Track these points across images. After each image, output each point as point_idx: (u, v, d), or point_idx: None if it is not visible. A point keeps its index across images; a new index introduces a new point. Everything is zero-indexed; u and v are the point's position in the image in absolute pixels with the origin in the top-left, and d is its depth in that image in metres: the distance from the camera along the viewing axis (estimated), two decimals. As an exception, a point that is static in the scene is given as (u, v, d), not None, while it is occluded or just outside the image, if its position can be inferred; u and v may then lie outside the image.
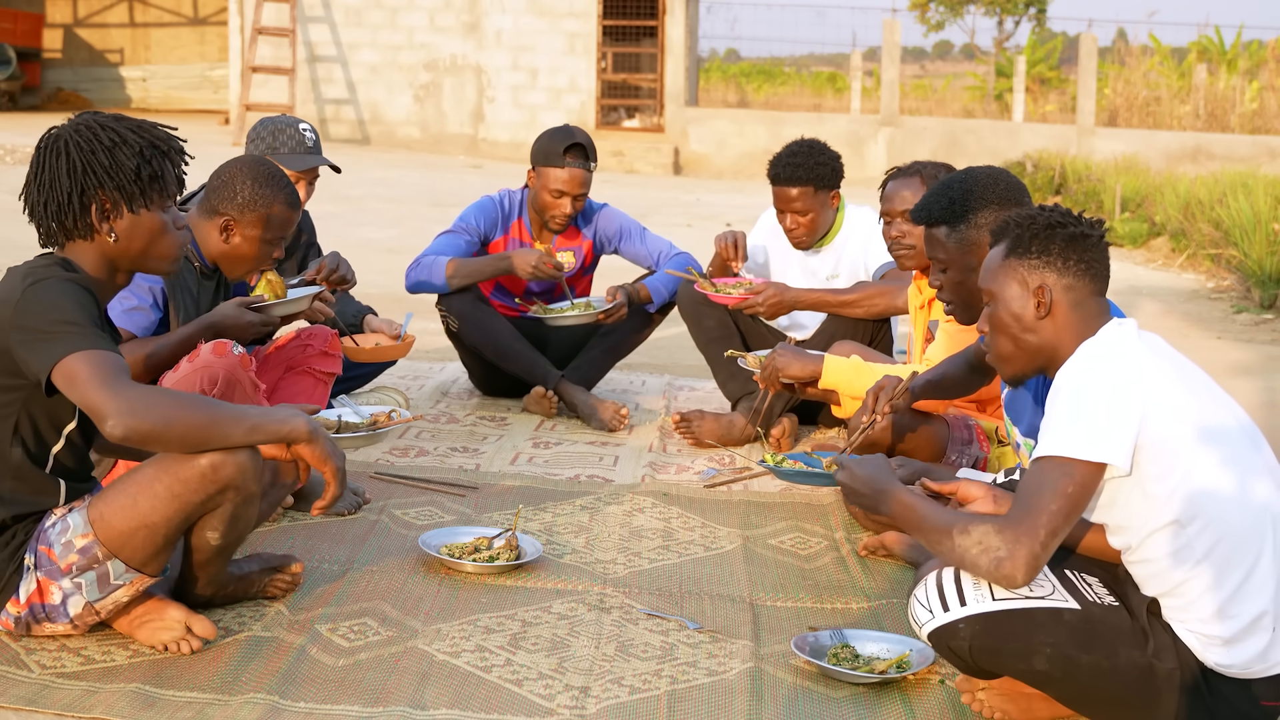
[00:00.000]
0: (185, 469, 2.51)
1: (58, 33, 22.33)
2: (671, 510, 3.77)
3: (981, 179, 3.21)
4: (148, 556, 2.58)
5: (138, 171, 2.56)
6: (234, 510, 2.61)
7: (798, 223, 4.51)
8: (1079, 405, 2.27)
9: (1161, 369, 2.32)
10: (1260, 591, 2.25)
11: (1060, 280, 2.40)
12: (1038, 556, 2.24)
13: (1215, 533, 2.24)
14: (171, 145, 2.64)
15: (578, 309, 4.72)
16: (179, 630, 2.66)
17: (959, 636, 2.35)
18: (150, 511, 2.53)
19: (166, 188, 2.61)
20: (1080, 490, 2.24)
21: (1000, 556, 2.25)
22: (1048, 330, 2.42)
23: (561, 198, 4.77)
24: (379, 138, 18.03)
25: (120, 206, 2.57)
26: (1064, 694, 2.38)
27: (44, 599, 2.58)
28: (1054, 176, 14.30)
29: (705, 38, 22.66)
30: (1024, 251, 2.43)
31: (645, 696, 2.59)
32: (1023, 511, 2.26)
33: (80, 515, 2.57)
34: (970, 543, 2.28)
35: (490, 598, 3.06)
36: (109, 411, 2.37)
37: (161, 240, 2.63)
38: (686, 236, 7.61)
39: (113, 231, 2.57)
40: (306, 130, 4.30)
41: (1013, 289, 2.44)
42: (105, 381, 2.38)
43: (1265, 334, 7.35)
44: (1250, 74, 20.33)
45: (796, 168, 4.43)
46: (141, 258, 2.63)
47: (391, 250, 8.49)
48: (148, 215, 2.59)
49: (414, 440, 4.40)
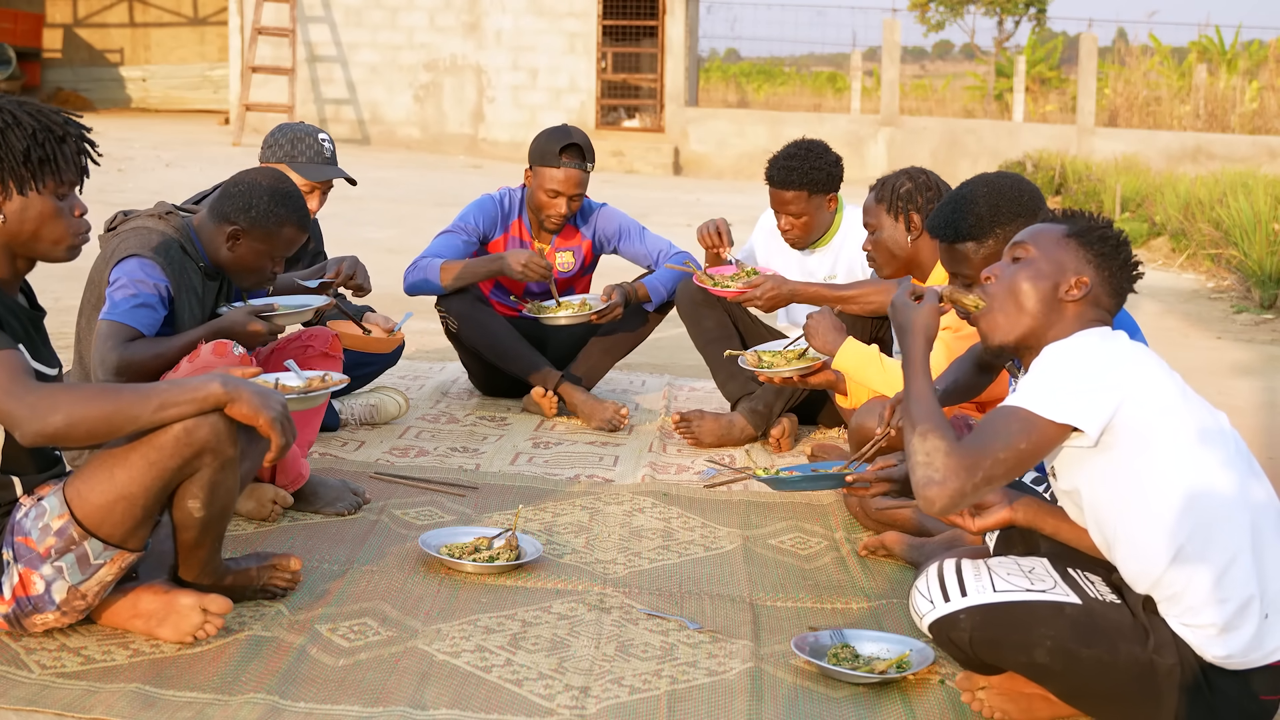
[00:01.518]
0: (159, 435, 2.51)
1: (58, 33, 22.33)
2: (671, 510, 3.77)
3: (1006, 190, 3.13)
4: (128, 530, 2.57)
5: (27, 153, 2.55)
6: (212, 476, 2.60)
7: (792, 224, 4.50)
8: (1061, 370, 2.30)
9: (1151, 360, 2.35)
10: (1245, 577, 2.26)
11: (1096, 278, 2.42)
12: (965, 495, 2.26)
13: (1193, 519, 2.26)
14: (69, 131, 2.62)
15: (572, 308, 4.72)
16: (198, 615, 2.67)
17: (959, 627, 2.36)
18: (128, 482, 2.54)
19: (60, 173, 2.59)
20: (1033, 448, 2.26)
21: (933, 477, 2.27)
22: (1056, 314, 2.42)
23: (557, 198, 4.76)
24: (379, 138, 18.03)
25: (9, 188, 2.56)
26: (1064, 689, 2.39)
27: (28, 591, 2.57)
28: (1054, 176, 14.30)
29: (705, 38, 22.68)
30: (1089, 242, 2.44)
31: (645, 696, 2.59)
32: (974, 448, 2.27)
33: (56, 497, 2.57)
34: (920, 449, 2.30)
35: (490, 598, 3.06)
36: (14, 421, 2.40)
37: (53, 224, 2.60)
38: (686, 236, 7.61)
39: (1, 213, 2.56)
40: (325, 141, 4.31)
41: (1059, 264, 2.43)
42: (6, 388, 2.40)
43: (1265, 334, 7.35)
44: (1250, 74, 20.34)
45: (792, 171, 4.42)
46: (32, 241, 2.60)
47: (391, 250, 8.49)
48: (38, 199, 2.57)
49: (414, 440, 4.40)
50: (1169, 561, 2.28)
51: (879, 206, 3.83)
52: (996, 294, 2.48)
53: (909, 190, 3.81)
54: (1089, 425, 2.25)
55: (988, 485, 2.27)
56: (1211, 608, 2.27)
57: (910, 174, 3.89)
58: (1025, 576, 2.39)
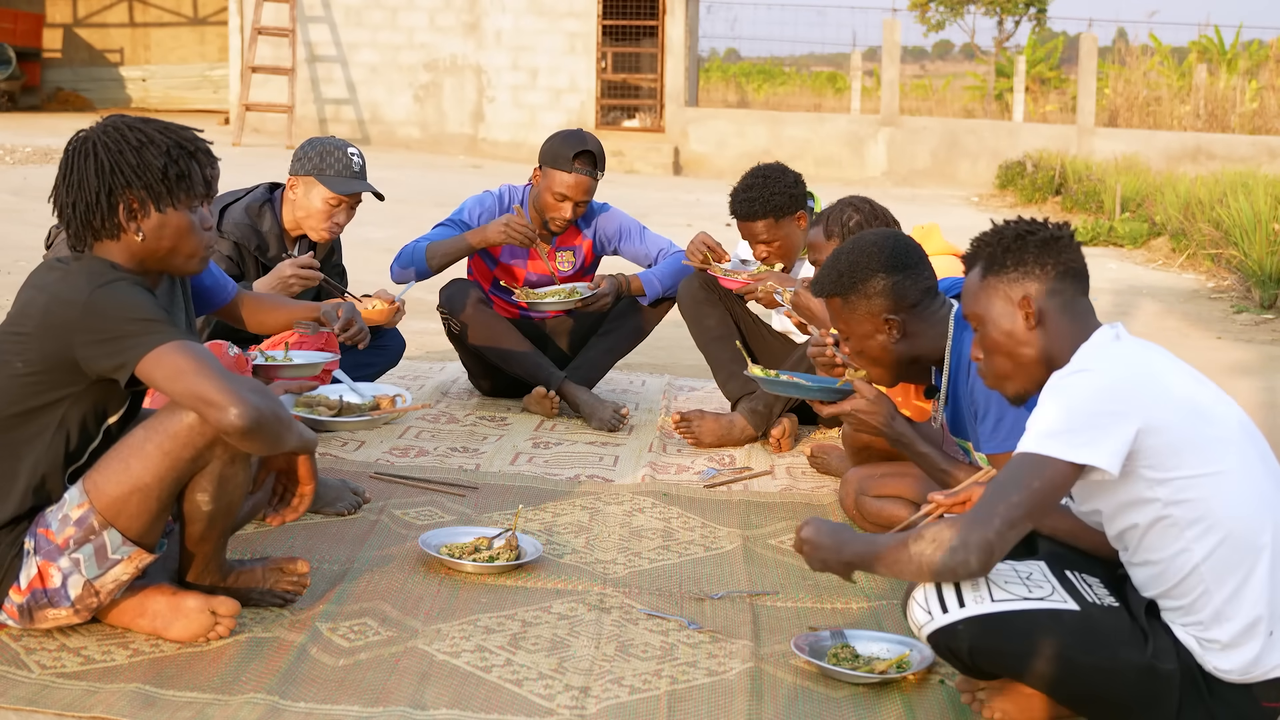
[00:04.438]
0: (173, 424, 2.55)
1: (58, 33, 22.32)
2: (671, 510, 3.77)
3: (867, 247, 3.14)
4: (144, 524, 2.59)
5: (164, 171, 2.60)
6: (222, 469, 2.63)
7: (768, 252, 4.45)
8: (1068, 405, 2.26)
9: (1163, 369, 2.31)
10: (1257, 597, 2.25)
11: (1042, 288, 2.40)
12: (991, 543, 2.24)
13: (1215, 536, 2.24)
14: (198, 146, 2.68)
15: (561, 294, 4.72)
16: (207, 618, 2.69)
17: (958, 638, 2.35)
18: (143, 472, 2.55)
19: (194, 187, 2.65)
20: (1048, 487, 2.24)
21: (953, 545, 2.26)
22: (1041, 340, 2.40)
23: (564, 202, 4.76)
24: (379, 138, 18.03)
25: (148, 205, 2.60)
26: (1064, 695, 2.39)
27: (45, 583, 2.59)
28: (1054, 176, 14.31)
29: (705, 38, 22.65)
30: (999, 267, 2.43)
31: (645, 696, 2.59)
32: (983, 503, 2.27)
33: (76, 489, 2.59)
34: (924, 543, 2.30)
35: (490, 598, 3.06)
36: (231, 401, 2.45)
37: (188, 239, 2.67)
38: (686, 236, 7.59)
39: (140, 230, 2.61)
40: (354, 155, 4.33)
41: (998, 307, 2.43)
42: (217, 371, 2.47)
43: (1265, 334, 7.35)
44: (1250, 74, 20.33)
45: (753, 202, 4.35)
46: (169, 256, 2.67)
47: (391, 250, 8.44)
48: (175, 214, 2.63)
49: (414, 440, 4.40)
50: (1183, 578, 2.27)
51: (829, 243, 3.79)
52: (989, 368, 2.48)
53: (858, 222, 3.78)
54: (1110, 464, 2.21)
55: (1011, 530, 2.25)
56: (1218, 624, 2.26)
57: (855, 204, 3.85)
58: (1023, 584, 2.37)
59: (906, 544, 2.34)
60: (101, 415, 2.63)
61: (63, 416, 2.57)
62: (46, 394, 2.55)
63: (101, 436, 2.65)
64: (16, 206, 9.68)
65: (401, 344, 4.79)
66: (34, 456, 2.58)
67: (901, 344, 3.12)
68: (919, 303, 3.11)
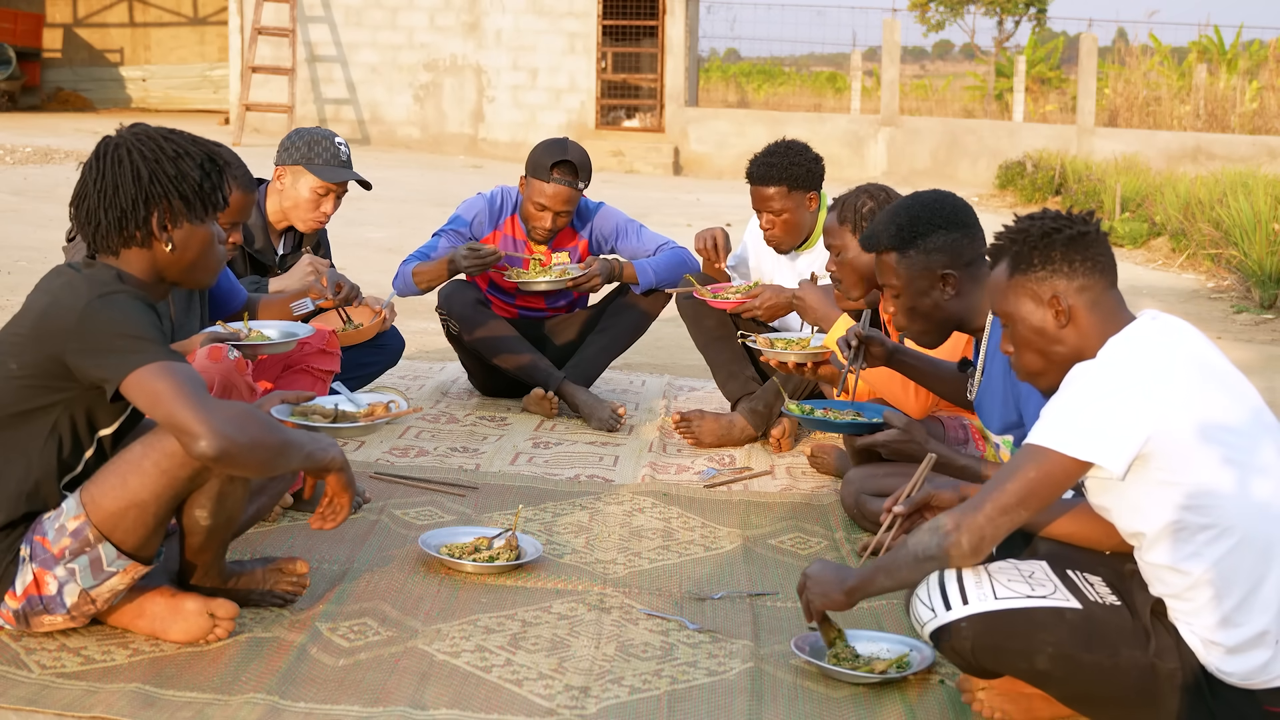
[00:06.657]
0: (171, 444, 2.52)
1: (58, 33, 22.33)
2: (671, 510, 3.77)
3: (927, 203, 3.17)
4: (140, 539, 2.58)
5: (200, 184, 2.60)
6: (221, 487, 2.63)
7: (773, 222, 4.46)
8: (1081, 401, 2.25)
9: (1185, 371, 2.26)
10: (1265, 607, 2.24)
11: (1071, 284, 2.36)
12: (981, 526, 2.28)
13: (1227, 542, 2.22)
14: (225, 160, 2.69)
15: (552, 274, 4.72)
16: (206, 620, 2.68)
17: (961, 635, 2.35)
18: (139, 489, 2.54)
19: (221, 202, 2.67)
20: (1044, 478, 2.24)
21: (946, 530, 2.31)
22: (1073, 337, 2.37)
23: (543, 211, 4.74)
24: (379, 138, 18.03)
25: (180, 217, 2.60)
26: (1065, 694, 2.38)
27: (40, 590, 2.58)
28: (1054, 176, 14.31)
29: (705, 38, 22.67)
30: (1027, 266, 2.40)
31: (645, 696, 2.59)
32: (980, 490, 2.30)
33: (74, 499, 2.58)
34: (921, 533, 2.35)
35: (490, 598, 3.06)
36: (203, 431, 2.40)
37: (210, 253, 2.67)
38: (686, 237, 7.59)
39: (170, 241, 2.60)
40: (341, 145, 4.35)
41: (1027, 306, 2.40)
42: (193, 398, 2.42)
43: (1265, 334, 7.35)
44: (1250, 74, 20.33)
45: (771, 167, 4.40)
46: (190, 269, 2.66)
47: (391, 250, 8.50)
48: (202, 228, 2.64)
49: (414, 440, 4.40)
50: (1193, 582, 2.26)
51: (842, 228, 3.80)
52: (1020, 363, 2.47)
53: (871, 209, 3.78)
54: (1114, 464, 2.21)
55: (1002, 516, 2.27)
56: (1224, 630, 2.25)
57: (870, 191, 3.87)
58: (1025, 582, 2.37)
59: (906, 544, 2.38)
60: (94, 424, 2.61)
61: (55, 422, 2.55)
62: (39, 398, 2.53)
63: (96, 446, 2.63)
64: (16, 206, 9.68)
65: (401, 344, 4.79)
66: (27, 461, 2.56)
67: (954, 302, 3.11)
68: (973, 262, 3.12)
